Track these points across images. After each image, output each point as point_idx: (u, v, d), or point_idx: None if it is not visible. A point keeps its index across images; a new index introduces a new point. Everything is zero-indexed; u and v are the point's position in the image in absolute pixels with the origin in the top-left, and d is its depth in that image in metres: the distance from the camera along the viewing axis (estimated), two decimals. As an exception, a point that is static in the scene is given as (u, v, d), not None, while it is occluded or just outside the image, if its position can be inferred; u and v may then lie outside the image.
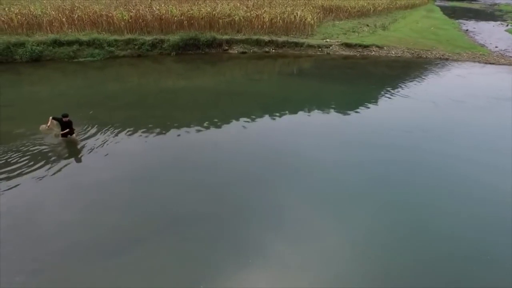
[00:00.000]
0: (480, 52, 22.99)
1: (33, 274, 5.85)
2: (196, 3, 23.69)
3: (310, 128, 11.83)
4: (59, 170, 8.80)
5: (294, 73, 19.54)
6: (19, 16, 19.67)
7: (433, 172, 9.24)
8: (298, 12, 23.57)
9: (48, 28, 20.26)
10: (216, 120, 11.97)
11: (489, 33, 31.70)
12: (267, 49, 21.62)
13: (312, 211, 7.62)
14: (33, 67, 18.17)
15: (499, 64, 21.21)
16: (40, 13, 20.40)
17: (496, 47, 25.25)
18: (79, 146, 9.94)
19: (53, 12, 20.81)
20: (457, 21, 39.21)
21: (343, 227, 7.20)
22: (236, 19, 22.15)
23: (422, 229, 7.12)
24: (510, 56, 22.83)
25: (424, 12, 44.97)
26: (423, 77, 18.74)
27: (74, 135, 9.86)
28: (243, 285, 5.72)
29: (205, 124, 11.56)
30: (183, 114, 12.83)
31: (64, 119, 9.32)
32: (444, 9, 52.63)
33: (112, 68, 18.74)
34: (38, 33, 20.16)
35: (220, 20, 21.99)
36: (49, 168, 8.78)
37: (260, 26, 22.72)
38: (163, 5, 22.24)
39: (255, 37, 21.82)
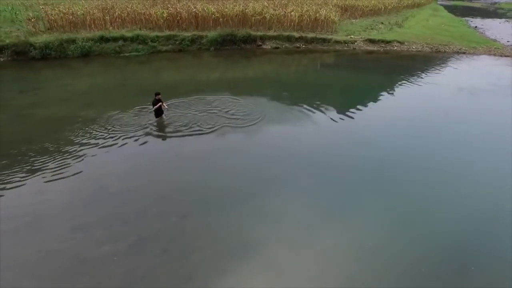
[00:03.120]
0: (495, 46, 24.57)
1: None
2: (227, 2, 25.01)
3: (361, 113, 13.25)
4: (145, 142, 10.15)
5: (319, 67, 20.99)
6: (67, 16, 20.85)
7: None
8: (324, 11, 24.99)
9: (93, 26, 21.50)
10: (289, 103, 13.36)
11: (497, 29, 33.38)
12: (297, 45, 23.04)
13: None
14: (84, 61, 19.42)
15: (514, 57, 22.78)
16: (82, 13, 21.58)
17: (508, 41, 26.88)
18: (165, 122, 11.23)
19: (95, 11, 22.03)
20: (463, 19, 40.87)
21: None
22: (267, 17, 23.50)
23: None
24: (523, 50, 24.42)
25: (430, 11, 46.68)
26: (446, 68, 20.28)
27: (163, 115, 11.11)
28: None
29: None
30: (246, 96, 14.12)
31: (156, 97, 10.57)
32: (447, 8, 54.49)
33: (157, 62, 20.01)
34: (82, 31, 21.39)
35: (253, 18, 23.34)
36: (137, 140, 10.10)
37: (289, 24, 24.11)
38: (198, 4, 23.52)
39: (285, 33, 23.22)
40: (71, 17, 21.11)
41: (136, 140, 10.12)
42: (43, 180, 8.14)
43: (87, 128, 10.71)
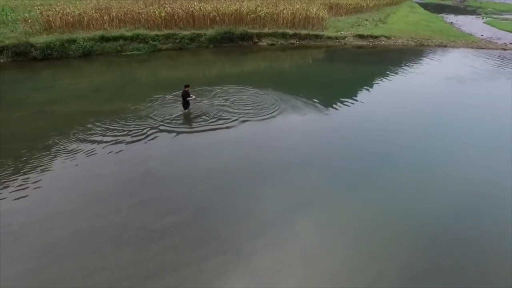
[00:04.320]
0: (471, 40, 26.62)
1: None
2: (222, 1, 25.73)
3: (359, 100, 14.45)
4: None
5: (310, 62, 22.16)
6: (66, 16, 20.92)
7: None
8: (314, 9, 26.19)
9: (91, 26, 21.65)
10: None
11: (470, 25, 35.84)
12: (292, 41, 24.10)
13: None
14: (87, 61, 19.61)
15: (489, 49, 24.86)
16: (79, 13, 21.66)
17: (482, 35, 29.09)
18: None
19: (92, 12, 22.16)
20: (439, 15, 43.40)
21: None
22: (262, 15, 24.42)
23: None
24: (496, 42, 26.61)
25: (408, 8, 49.11)
26: (431, 60, 21.93)
27: (189, 107, 11.79)
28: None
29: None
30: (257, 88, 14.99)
31: (185, 89, 11.24)
32: (421, 6, 57.33)
33: (160, 60, 20.48)
34: (80, 31, 21.50)
35: (248, 16, 24.19)
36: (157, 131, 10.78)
37: (282, 21, 25.13)
38: (195, 3, 24.10)
39: (280, 30, 24.22)
40: (69, 17, 21.16)
41: (166, 129, 10.77)
42: (94, 165, 8.70)
43: (117, 120, 11.24)
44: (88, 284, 5.57)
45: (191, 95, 11.40)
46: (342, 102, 13.80)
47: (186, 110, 11.55)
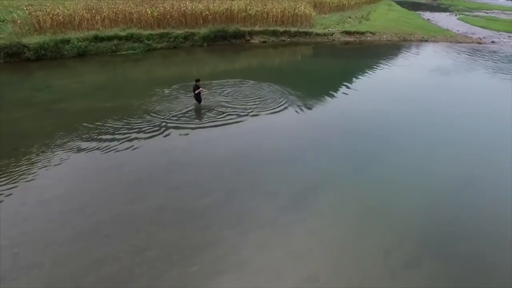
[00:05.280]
0: (449, 35, 28.30)
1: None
2: (212, 0, 26.11)
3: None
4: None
5: (299, 58, 23.05)
6: (57, 17, 20.73)
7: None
8: (302, 7, 27.06)
9: (83, 26, 21.53)
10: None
11: (445, 21, 37.84)
12: (283, 38, 24.84)
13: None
14: (83, 61, 19.54)
15: (466, 42, 26.57)
16: (70, 13, 21.49)
17: (458, 30, 30.92)
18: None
19: (83, 12, 22.02)
20: (416, 12, 45.44)
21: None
22: (252, 13, 25.01)
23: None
24: (471, 36, 28.42)
25: (386, 6, 50.98)
26: (415, 53, 23.29)
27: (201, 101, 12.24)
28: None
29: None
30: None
31: (196, 83, 11.69)
32: (398, 4, 59.59)
33: (157, 59, 20.68)
34: (71, 32, 21.33)
35: (239, 15, 24.71)
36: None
37: (272, 19, 25.82)
38: (187, 2, 24.37)
39: (271, 28, 24.89)
40: (60, 17, 20.97)
41: (177, 124, 11.17)
42: (117, 159, 9.03)
43: (126, 116, 11.53)
44: (140, 260, 5.99)
45: (201, 88, 11.85)
46: (337, 91, 14.74)
47: (199, 104, 11.98)
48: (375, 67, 19.41)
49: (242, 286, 5.61)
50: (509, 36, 29.99)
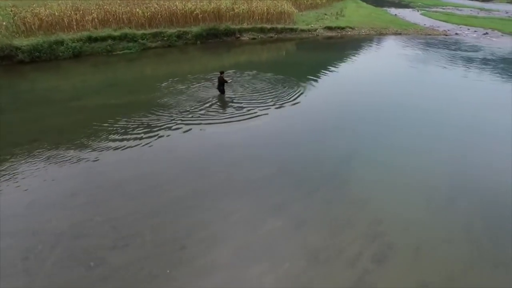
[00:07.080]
0: (419, 28, 30.96)
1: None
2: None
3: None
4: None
5: (284, 53, 24.42)
6: (48, 18, 20.37)
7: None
8: (285, 5, 28.38)
9: (74, 27, 21.28)
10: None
11: (411, 16, 40.92)
12: (270, 35, 25.98)
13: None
14: (79, 61, 19.40)
15: (434, 35, 29.26)
16: (58, 14, 21.15)
17: (425, 24, 33.79)
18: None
19: (71, 13, 21.74)
20: (383, 8, 48.54)
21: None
22: (240, 11, 25.91)
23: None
24: (437, 29, 31.29)
25: (354, 3, 53.70)
26: (392, 45, 25.46)
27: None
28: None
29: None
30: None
31: (221, 75, 12.46)
32: (363, 0, 63.06)
33: (154, 57, 20.96)
34: (60, 33, 21.01)
35: (227, 13, 25.51)
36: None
37: (258, 17, 26.87)
38: (177, 2, 24.74)
39: (259, 25, 25.93)
40: (50, 18, 20.61)
41: (204, 114, 11.92)
42: (152, 151, 9.68)
43: (154, 109, 12.08)
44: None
45: (226, 79, 12.63)
46: (329, 83, 16.29)
47: (222, 95, 12.75)
48: (356, 58, 21.58)
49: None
50: (468, 29, 33.28)
